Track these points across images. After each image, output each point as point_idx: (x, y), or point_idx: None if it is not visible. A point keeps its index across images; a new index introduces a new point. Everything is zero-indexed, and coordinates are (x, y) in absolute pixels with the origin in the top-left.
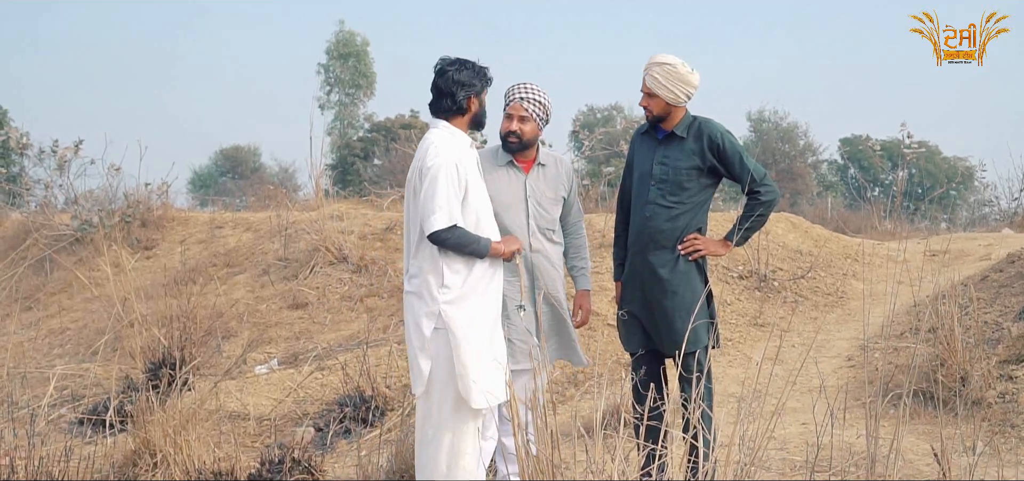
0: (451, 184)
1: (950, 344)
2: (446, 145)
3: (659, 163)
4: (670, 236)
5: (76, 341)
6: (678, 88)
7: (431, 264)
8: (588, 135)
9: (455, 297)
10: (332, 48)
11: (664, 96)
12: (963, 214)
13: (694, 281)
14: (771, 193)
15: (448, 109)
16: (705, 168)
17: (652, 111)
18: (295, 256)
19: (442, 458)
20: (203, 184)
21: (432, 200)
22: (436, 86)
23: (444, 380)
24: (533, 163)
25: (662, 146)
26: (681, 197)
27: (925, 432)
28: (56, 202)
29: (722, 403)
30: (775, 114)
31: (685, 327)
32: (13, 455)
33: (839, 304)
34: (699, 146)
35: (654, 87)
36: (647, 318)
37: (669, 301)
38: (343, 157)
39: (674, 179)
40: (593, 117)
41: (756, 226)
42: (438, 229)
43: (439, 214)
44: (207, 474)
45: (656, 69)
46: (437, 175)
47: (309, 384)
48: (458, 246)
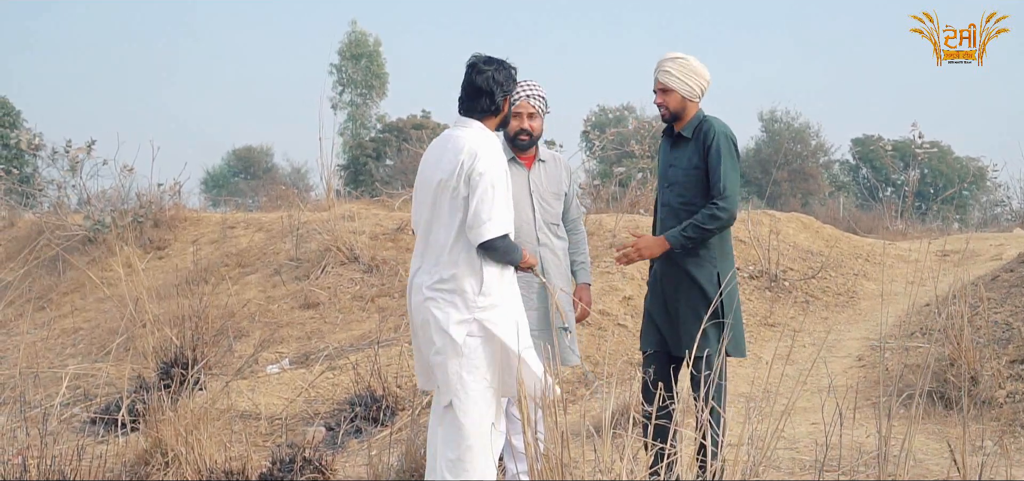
0: (506, 193)
1: (960, 344)
2: (495, 151)
3: (670, 165)
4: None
5: (88, 341)
6: (692, 81)
7: (469, 269)
8: (599, 135)
9: (492, 303)
10: (344, 48)
11: (679, 89)
12: (975, 214)
13: (712, 286)
14: (725, 211)
15: (485, 109)
16: (704, 169)
17: (668, 107)
18: (307, 256)
19: (468, 461)
20: (215, 184)
21: (488, 208)
22: (474, 84)
23: (478, 385)
24: (534, 160)
25: (674, 148)
26: (689, 199)
27: (935, 432)
28: (69, 202)
29: (732, 402)
30: (787, 114)
31: (694, 329)
32: (26, 454)
33: (850, 304)
34: (699, 146)
35: (668, 81)
36: (662, 319)
37: (681, 303)
38: (355, 157)
39: (683, 181)
40: (604, 117)
41: (698, 238)
42: (492, 237)
43: (494, 223)
44: (219, 473)
45: (669, 63)
46: (494, 183)
47: (320, 384)
48: (504, 254)
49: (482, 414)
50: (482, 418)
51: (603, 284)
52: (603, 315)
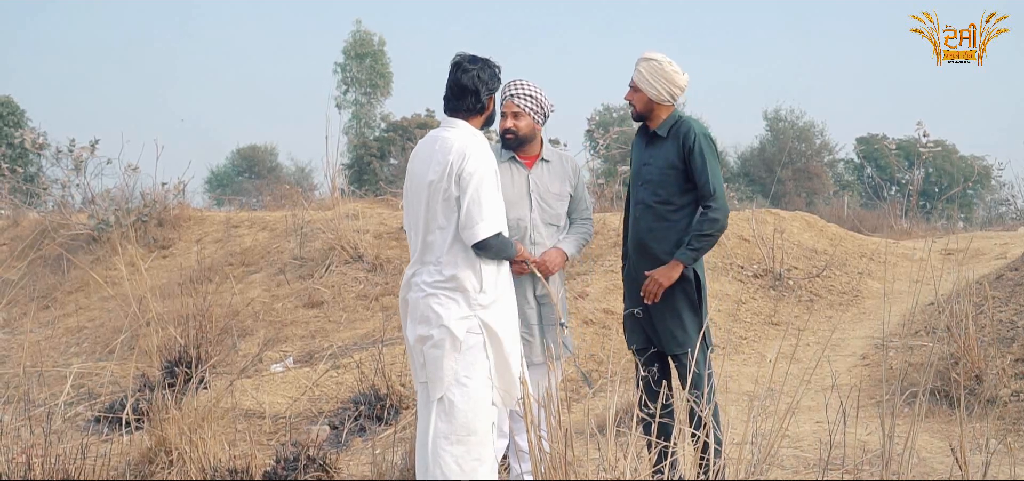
0: (496, 191)
1: (964, 343)
2: (483, 149)
3: (644, 163)
4: (658, 237)
5: (93, 340)
6: (661, 85)
7: (468, 269)
8: (603, 134)
9: (491, 301)
10: (349, 48)
11: (647, 91)
12: (980, 213)
13: (690, 283)
14: (719, 211)
15: (470, 107)
16: (681, 168)
17: (635, 107)
18: (311, 255)
19: (466, 459)
20: (220, 183)
21: (479, 208)
22: (459, 84)
23: (476, 382)
24: (536, 159)
25: (649, 146)
26: (664, 197)
27: (939, 430)
28: (73, 202)
29: (735, 401)
30: (791, 113)
31: (680, 327)
32: (30, 453)
33: (854, 303)
34: (676, 146)
35: (639, 82)
36: (645, 318)
37: (662, 303)
38: (359, 157)
39: (658, 179)
40: (609, 116)
41: (705, 247)
42: (486, 236)
43: (486, 223)
44: (223, 472)
45: (643, 64)
46: (483, 182)
47: (324, 382)
48: (498, 252)
49: (483, 409)
50: (483, 413)
51: (607, 283)
52: (607, 314)
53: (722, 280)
